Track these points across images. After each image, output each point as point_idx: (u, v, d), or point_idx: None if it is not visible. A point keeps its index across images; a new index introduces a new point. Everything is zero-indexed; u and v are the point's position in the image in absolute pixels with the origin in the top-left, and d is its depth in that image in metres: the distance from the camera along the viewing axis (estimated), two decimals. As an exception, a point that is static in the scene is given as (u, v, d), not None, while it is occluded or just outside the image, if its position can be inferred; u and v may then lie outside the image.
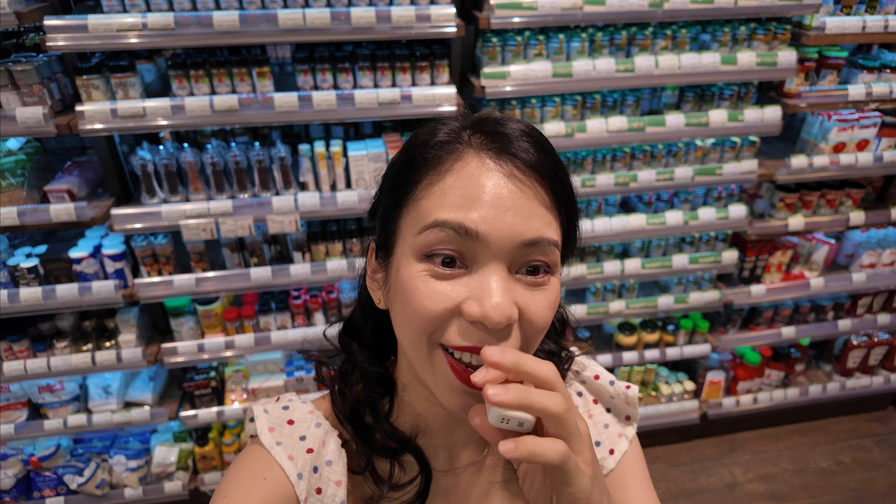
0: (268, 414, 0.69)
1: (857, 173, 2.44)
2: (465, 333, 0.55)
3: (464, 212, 0.54)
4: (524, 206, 0.55)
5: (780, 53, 2.09)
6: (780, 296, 2.77)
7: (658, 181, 2.28)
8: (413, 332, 0.57)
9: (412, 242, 0.57)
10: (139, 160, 1.95)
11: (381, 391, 0.72)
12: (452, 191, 0.55)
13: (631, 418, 0.81)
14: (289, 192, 2.10)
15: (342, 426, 0.70)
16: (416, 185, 0.58)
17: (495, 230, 0.53)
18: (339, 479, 0.67)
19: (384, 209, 0.63)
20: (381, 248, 0.64)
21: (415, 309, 0.56)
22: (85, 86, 1.77)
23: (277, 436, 0.66)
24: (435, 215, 0.55)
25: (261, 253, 2.23)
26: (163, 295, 2.16)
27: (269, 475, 0.64)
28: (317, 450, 0.67)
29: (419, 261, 0.56)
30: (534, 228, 0.55)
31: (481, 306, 0.53)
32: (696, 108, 2.25)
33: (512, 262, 0.56)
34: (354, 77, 1.93)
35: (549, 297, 0.58)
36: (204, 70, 1.83)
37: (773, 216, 2.58)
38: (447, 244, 0.54)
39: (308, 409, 0.71)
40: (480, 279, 0.55)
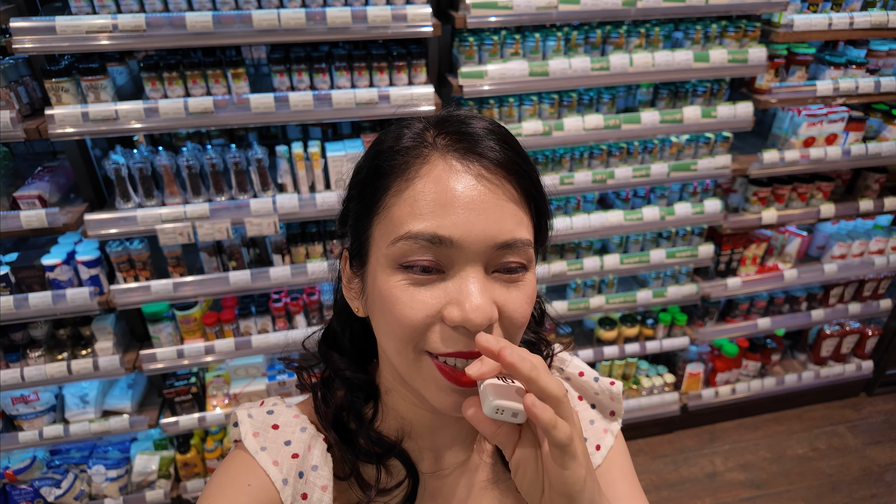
0: (252, 419, 0.68)
1: (826, 167, 2.51)
2: (449, 339, 0.56)
3: (436, 219, 0.54)
4: (495, 207, 0.55)
5: (750, 50, 2.14)
6: (755, 288, 2.83)
7: (635, 178, 2.31)
8: (397, 341, 0.58)
9: (386, 253, 0.57)
10: (112, 164, 1.91)
11: (365, 396, 0.72)
12: (422, 197, 0.55)
13: (616, 414, 0.81)
14: (267, 194, 2.08)
15: (326, 432, 0.70)
16: (384, 193, 0.58)
17: (468, 235, 0.54)
18: (324, 483, 0.66)
19: (354, 218, 0.63)
20: (354, 256, 0.64)
21: (396, 319, 0.56)
22: (54, 89, 1.73)
23: (262, 441, 0.66)
24: (407, 226, 0.55)
25: (239, 256, 2.20)
26: (140, 301, 2.13)
27: (254, 481, 0.63)
28: (302, 454, 0.66)
29: (395, 270, 0.56)
30: (506, 230, 0.55)
31: (462, 311, 0.54)
32: (671, 105, 2.29)
33: (487, 263, 0.56)
34: (331, 77, 1.92)
35: (526, 293, 0.59)
36: (178, 72, 1.80)
37: (747, 210, 2.64)
38: (422, 254, 0.55)
39: (293, 414, 0.70)
40: (458, 283, 0.55)
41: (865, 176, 2.77)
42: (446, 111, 0.63)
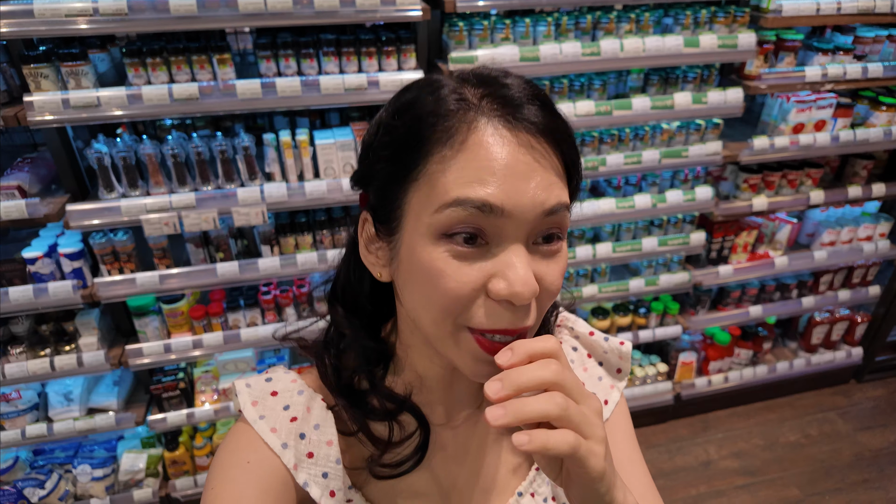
0: (250, 388, 0.67)
1: (815, 153, 2.52)
2: (493, 315, 0.54)
3: (485, 187, 0.51)
4: (542, 174, 0.53)
5: (739, 36, 2.13)
6: (746, 275, 2.83)
7: (626, 164, 2.30)
8: (437, 313, 0.56)
9: (429, 221, 0.54)
10: (95, 153, 1.87)
11: (377, 358, 0.70)
12: (470, 164, 0.52)
13: (622, 371, 0.82)
14: (254, 183, 2.04)
15: (332, 395, 0.68)
16: (426, 158, 0.54)
17: (518, 204, 0.52)
18: (329, 438, 0.66)
19: (384, 181, 0.59)
20: (382, 221, 0.60)
21: (442, 293, 0.54)
22: (33, 75, 1.68)
23: (261, 409, 0.65)
24: (455, 192, 0.52)
25: (227, 248, 2.16)
26: (125, 294, 2.08)
27: (253, 456, 0.63)
28: (301, 417, 0.66)
29: (438, 239, 0.54)
30: (553, 196, 0.54)
31: (510, 285, 0.52)
32: (661, 91, 2.28)
33: (532, 231, 0.55)
34: (319, 63, 1.89)
35: (561, 265, 0.58)
36: (161, 57, 1.76)
37: (737, 197, 2.64)
38: (469, 222, 0.52)
39: (291, 379, 0.69)
40: (504, 256, 0.54)
41: (853, 163, 2.79)
42: (483, 69, 0.60)
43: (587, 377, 0.81)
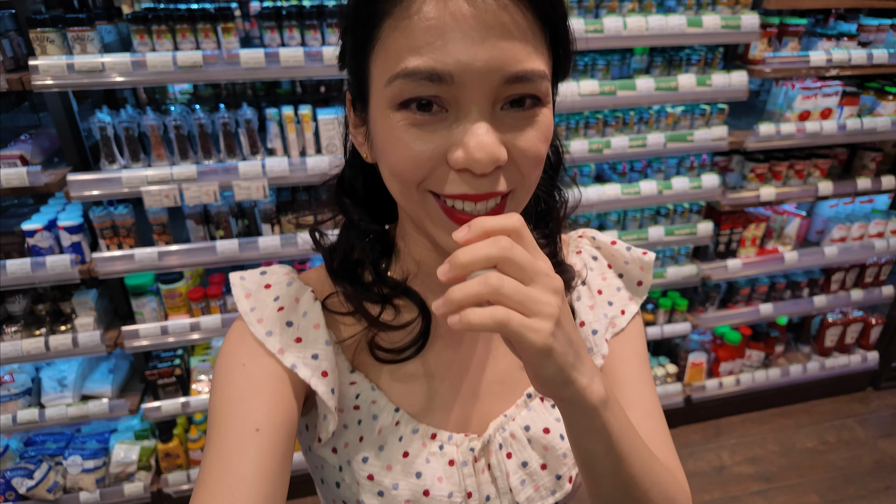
0: (244, 280, 0.67)
1: (823, 140, 2.49)
2: (455, 183, 0.52)
3: (434, 53, 0.48)
4: (502, 34, 0.48)
5: (743, 17, 2.14)
6: (755, 270, 2.77)
7: (631, 147, 2.28)
8: (400, 183, 0.55)
9: (385, 93, 0.52)
10: (98, 122, 1.87)
11: (381, 249, 0.70)
12: (420, 25, 0.48)
13: (643, 284, 0.80)
14: (256, 157, 2.03)
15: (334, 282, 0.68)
16: (379, 21, 0.51)
17: (470, 70, 0.48)
18: (316, 322, 0.66)
19: (350, 54, 0.57)
20: (356, 98, 0.60)
21: (399, 162, 0.53)
22: (39, 39, 1.70)
23: (253, 301, 0.65)
24: (404, 62, 0.49)
25: (227, 226, 2.14)
26: (123, 270, 2.05)
27: (247, 357, 0.62)
28: (288, 306, 0.65)
29: (396, 110, 0.52)
30: (515, 61, 0.49)
31: (466, 154, 0.50)
32: (665, 72, 2.28)
33: (496, 98, 0.51)
34: (322, 35, 1.90)
35: (540, 129, 0.54)
36: (167, 25, 1.78)
37: (744, 187, 2.61)
38: (421, 93, 0.49)
39: (284, 272, 0.69)
40: (462, 123, 0.51)
41: (861, 155, 2.76)
42: None
43: (605, 286, 0.79)
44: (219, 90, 2.32)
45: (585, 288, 0.78)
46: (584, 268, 0.79)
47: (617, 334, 0.77)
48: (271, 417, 0.60)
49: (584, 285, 0.78)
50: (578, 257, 0.80)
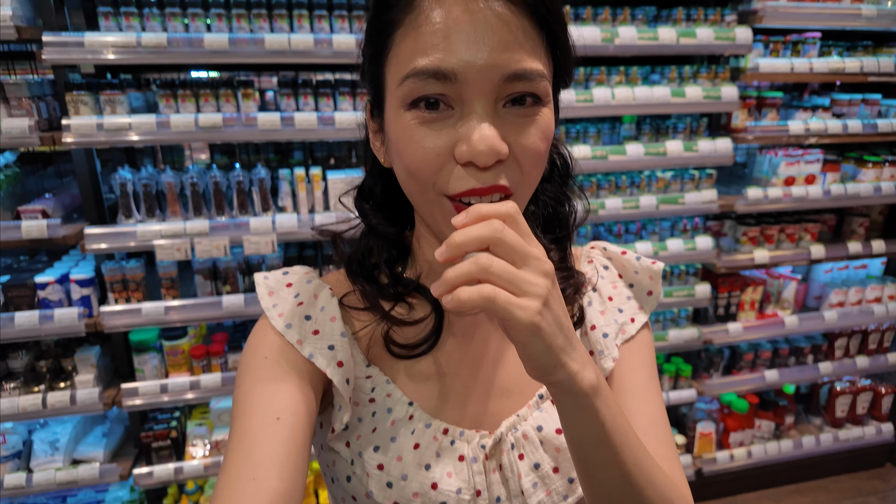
0: (267, 280, 0.71)
1: (810, 205, 2.59)
2: (461, 178, 0.56)
3: (439, 54, 0.53)
4: (502, 36, 0.53)
5: (723, 88, 2.32)
6: (757, 334, 2.78)
7: (625, 209, 2.37)
8: (415, 182, 0.59)
9: (396, 94, 0.57)
10: (120, 179, 1.98)
11: (397, 253, 0.73)
12: (426, 30, 0.54)
13: (652, 293, 0.80)
14: (267, 214, 2.12)
15: (351, 280, 0.72)
16: (391, 31, 0.58)
17: (472, 68, 0.53)
18: (332, 315, 0.68)
19: (368, 63, 0.64)
20: (374, 105, 0.65)
21: (412, 158, 0.57)
22: (74, 101, 1.84)
23: (275, 298, 0.69)
24: (412, 64, 0.55)
25: (234, 281, 2.19)
26: (129, 324, 2.07)
27: (269, 351, 0.65)
28: (307, 301, 0.69)
29: (406, 109, 0.56)
30: (514, 60, 0.54)
31: (469, 147, 0.54)
32: (653, 139, 2.42)
33: (498, 96, 0.55)
34: (335, 102, 2.06)
35: (539, 127, 0.57)
36: (191, 90, 1.93)
37: (738, 250, 2.68)
38: (428, 91, 0.54)
39: (304, 272, 0.73)
40: (467, 119, 0.55)
41: (850, 221, 2.85)
42: None
43: (616, 293, 0.80)
44: (234, 158, 2.46)
45: (596, 294, 0.79)
46: (596, 274, 0.80)
47: (626, 341, 0.77)
48: (291, 407, 0.62)
49: (594, 291, 0.79)
50: (590, 266, 0.82)
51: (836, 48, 2.63)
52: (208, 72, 2.43)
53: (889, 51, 2.68)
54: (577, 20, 2.20)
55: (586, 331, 0.77)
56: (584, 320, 0.77)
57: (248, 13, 1.94)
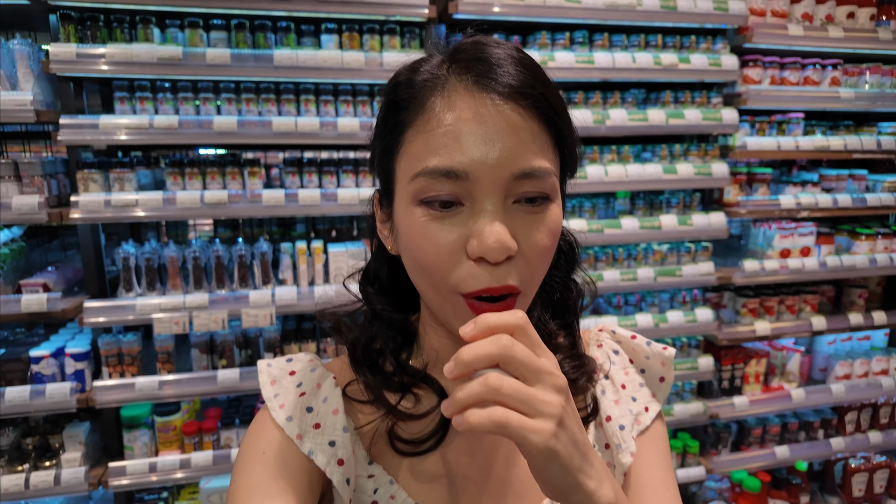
0: (270, 367, 0.70)
1: (807, 276, 2.61)
2: (475, 276, 0.56)
3: (450, 154, 0.55)
4: (511, 136, 0.55)
5: (713, 165, 2.40)
6: (763, 408, 2.71)
7: (623, 281, 2.39)
8: (427, 277, 0.59)
9: (407, 189, 0.58)
10: (123, 253, 2.00)
11: (402, 340, 0.72)
12: (438, 130, 0.56)
13: (665, 380, 0.79)
14: (267, 287, 2.13)
15: (355, 370, 0.69)
16: (403, 129, 0.59)
17: (482, 167, 0.54)
18: (335, 407, 0.66)
19: (379, 157, 0.65)
20: (383, 196, 0.66)
21: (423, 257, 0.57)
22: (84, 179, 1.90)
23: (277, 388, 0.67)
24: (423, 162, 0.56)
25: (231, 355, 2.16)
26: (122, 399, 2.03)
27: (268, 445, 0.64)
28: (310, 391, 0.67)
29: (417, 205, 0.57)
30: (523, 159, 0.55)
31: (481, 243, 0.54)
32: (648, 214, 2.48)
33: (507, 193, 0.57)
34: (338, 179, 2.12)
35: (547, 224, 0.58)
36: (198, 168, 2.00)
37: (739, 322, 2.67)
38: (439, 189, 0.55)
39: (308, 359, 0.71)
40: (477, 216, 0.56)
41: (848, 292, 2.86)
42: (466, 39, 0.62)
43: (628, 381, 0.78)
44: (237, 231, 2.50)
45: (609, 382, 0.77)
46: (607, 361, 0.78)
47: (642, 433, 0.74)
48: None
49: (607, 379, 0.77)
50: (600, 351, 0.79)
51: (820, 127, 2.74)
52: (216, 149, 2.52)
53: (870, 129, 2.80)
54: (569, 103, 2.31)
55: (601, 422, 0.74)
56: (598, 411, 0.74)
57: (257, 97, 2.04)
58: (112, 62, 1.85)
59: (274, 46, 2.06)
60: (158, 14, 2.03)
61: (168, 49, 1.88)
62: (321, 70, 1.98)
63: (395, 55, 2.03)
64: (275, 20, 2.08)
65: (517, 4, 2.12)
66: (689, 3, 2.28)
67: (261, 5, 1.93)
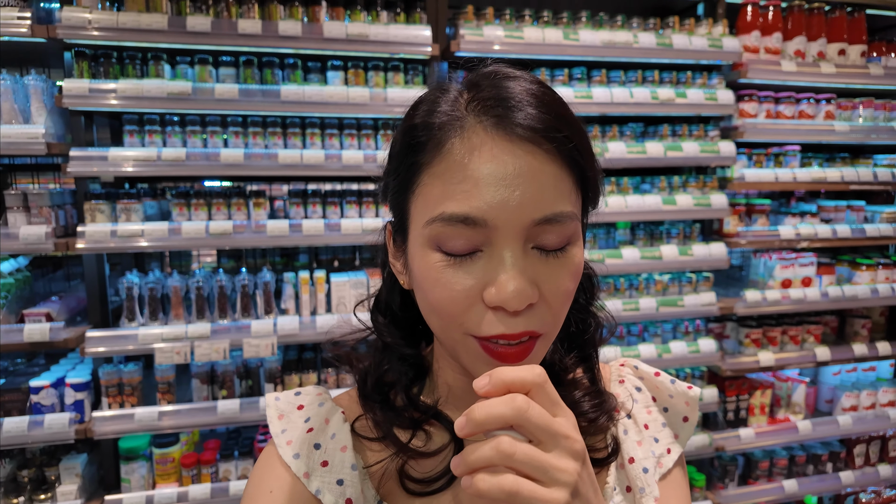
0: (278, 401, 0.69)
1: (809, 307, 2.61)
2: (490, 322, 0.54)
3: (468, 200, 0.52)
4: (531, 181, 0.53)
5: (712, 196, 2.42)
6: (770, 441, 2.67)
7: (625, 311, 2.39)
8: (440, 320, 0.58)
9: (423, 233, 0.56)
10: (127, 283, 2.02)
11: (414, 374, 0.69)
12: (455, 175, 0.53)
13: (688, 420, 0.75)
14: (269, 317, 2.13)
15: (364, 406, 0.68)
16: (419, 170, 0.57)
17: (501, 214, 0.52)
18: (344, 444, 0.65)
19: (393, 193, 0.63)
20: (396, 231, 0.64)
21: (439, 300, 0.56)
22: (91, 210, 1.93)
23: (285, 423, 0.66)
24: (441, 207, 0.54)
25: (231, 385, 2.15)
26: (120, 430, 2.01)
27: (275, 483, 0.63)
28: (318, 427, 0.65)
29: (433, 250, 0.55)
30: (545, 205, 0.53)
31: (499, 293, 0.52)
32: (648, 244, 2.49)
33: (527, 238, 0.54)
34: (342, 210, 2.15)
35: (569, 268, 0.56)
36: (204, 199, 2.03)
37: (742, 353, 2.65)
38: (457, 236, 0.53)
39: (317, 392, 0.70)
40: (496, 263, 0.53)
41: (851, 322, 2.85)
42: (485, 71, 0.60)
43: (651, 420, 0.75)
44: (241, 261, 2.52)
45: (631, 421, 0.73)
46: (629, 399, 0.75)
47: (664, 476, 0.71)
48: None
49: (629, 418, 0.73)
50: (622, 387, 0.76)
51: (816, 159, 2.78)
52: (221, 181, 2.56)
53: (866, 161, 2.84)
54: (569, 135, 2.35)
55: (623, 463, 0.71)
56: (620, 451, 0.71)
57: (263, 131, 2.09)
58: (123, 97, 1.91)
59: (281, 82, 2.12)
60: (170, 51, 2.10)
61: (178, 84, 1.94)
62: (327, 105, 2.03)
63: (399, 91, 2.08)
64: (282, 57, 2.14)
65: (517, 42, 2.18)
66: (684, 40, 2.35)
67: (269, 43, 1.99)
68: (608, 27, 2.39)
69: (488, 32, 2.15)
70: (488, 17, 2.26)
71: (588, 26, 2.34)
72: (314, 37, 2.01)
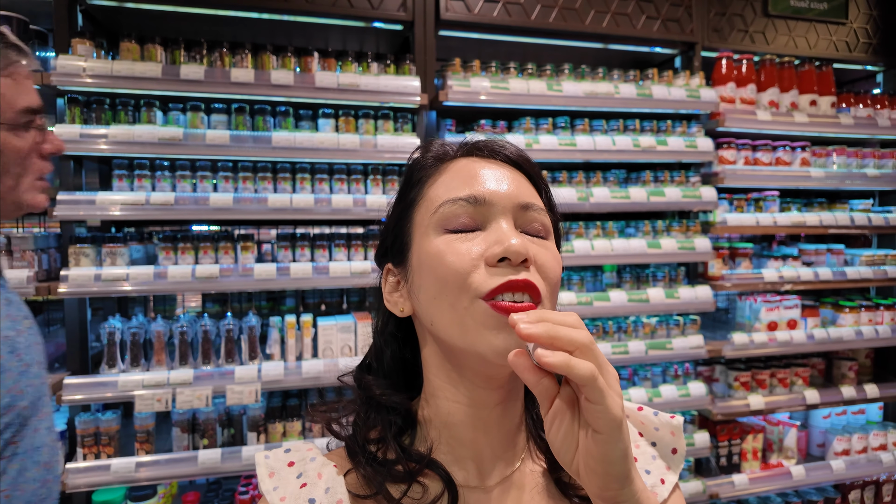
0: (268, 459, 0.69)
1: (795, 349, 2.62)
2: (496, 275, 0.60)
3: (472, 187, 0.65)
4: (514, 180, 0.67)
5: (696, 240, 2.47)
6: (764, 486, 2.63)
7: (614, 354, 2.38)
8: (448, 290, 0.62)
9: (430, 222, 0.65)
10: (109, 328, 1.98)
11: (402, 424, 0.70)
12: (456, 176, 0.67)
13: (677, 451, 0.77)
14: (253, 363, 2.09)
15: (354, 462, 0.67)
16: (421, 188, 0.69)
17: (496, 195, 0.65)
18: (339, 498, 0.65)
19: (396, 220, 0.71)
20: (397, 255, 0.70)
21: (449, 267, 0.62)
22: (76, 253, 1.91)
23: (276, 480, 0.66)
24: (447, 195, 0.65)
25: (213, 434, 2.09)
26: (95, 483, 1.93)
27: None
28: (311, 482, 0.66)
29: (441, 233, 0.64)
30: (526, 194, 0.66)
31: (502, 244, 0.61)
32: (635, 287, 2.51)
33: (516, 220, 0.65)
34: (330, 252, 2.15)
35: (552, 252, 0.66)
36: (192, 243, 2.02)
37: (732, 396, 2.64)
38: (461, 214, 0.64)
39: (307, 447, 0.70)
40: (495, 229, 0.63)
41: (839, 364, 2.86)
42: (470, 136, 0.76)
43: (640, 454, 0.77)
44: (226, 306, 2.49)
45: None
46: None
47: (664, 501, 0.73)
48: None
49: None
50: None
51: (795, 204, 2.86)
52: (209, 226, 2.56)
53: (842, 206, 2.92)
54: (553, 182, 2.41)
55: None
56: None
57: (254, 175, 2.11)
58: (114, 142, 1.92)
59: (273, 129, 2.15)
60: (162, 98, 2.13)
61: (169, 130, 1.96)
62: (318, 151, 2.06)
63: (389, 138, 2.12)
64: (274, 105, 2.19)
65: (502, 93, 2.25)
66: (663, 90, 2.45)
67: (262, 92, 2.04)
68: (590, 79, 2.48)
69: (475, 83, 2.22)
70: (475, 69, 2.34)
71: (571, 78, 2.44)
72: (306, 86, 2.06)
